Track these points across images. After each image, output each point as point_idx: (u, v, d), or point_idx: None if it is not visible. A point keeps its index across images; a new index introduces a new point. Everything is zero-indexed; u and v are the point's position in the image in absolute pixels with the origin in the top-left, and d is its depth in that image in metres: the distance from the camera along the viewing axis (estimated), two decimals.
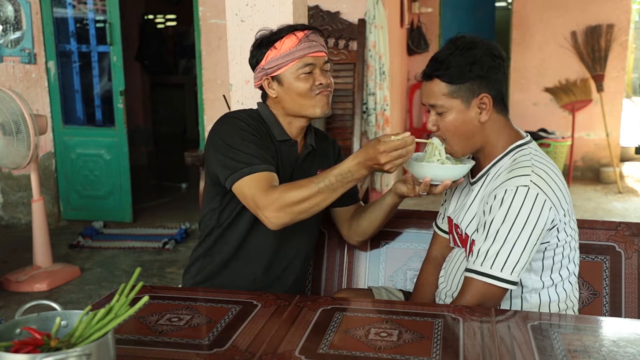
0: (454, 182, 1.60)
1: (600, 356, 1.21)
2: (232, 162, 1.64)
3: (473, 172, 1.69)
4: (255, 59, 1.78)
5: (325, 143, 1.94)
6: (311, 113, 1.76)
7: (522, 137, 1.63)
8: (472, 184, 1.68)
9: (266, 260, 1.81)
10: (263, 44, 1.76)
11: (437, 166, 1.58)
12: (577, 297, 1.68)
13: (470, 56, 1.56)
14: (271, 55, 1.73)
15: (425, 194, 1.63)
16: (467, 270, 1.53)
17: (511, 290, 1.53)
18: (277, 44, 1.73)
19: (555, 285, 1.60)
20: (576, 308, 1.66)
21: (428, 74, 1.61)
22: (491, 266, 1.48)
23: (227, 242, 1.80)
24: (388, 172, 1.53)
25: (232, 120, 1.75)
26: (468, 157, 1.67)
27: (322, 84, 1.74)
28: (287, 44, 1.72)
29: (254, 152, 1.66)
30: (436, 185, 1.60)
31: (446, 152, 1.62)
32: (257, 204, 1.59)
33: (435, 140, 1.61)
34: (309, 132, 1.86)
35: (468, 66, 1.55)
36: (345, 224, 1.92)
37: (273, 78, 1.75)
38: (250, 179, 1.61)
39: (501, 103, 1.62)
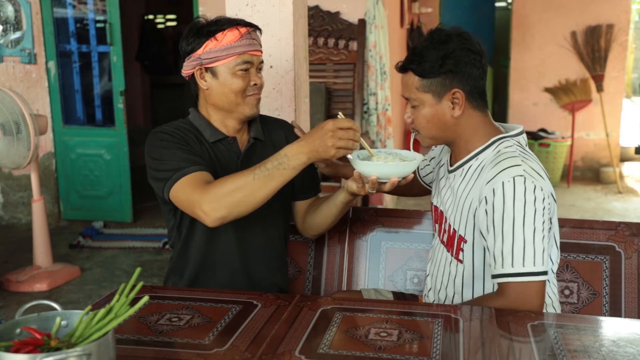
0: (403, 178, 1.58)
1: (600, 356, 1.21)
2: (162, 174, 1.63)
3: (450, 161, 1.69)
4: (190, 47, 1.71)
5: (278, 131, 1.88)
6: (240, 112, 1.74)
7: (501, 132, 1.61)
8: (450, 172, 1.67)
9: (236, 264, 1.78)
10: (202, 32, 1.69)
11: (381, 164, 1.57)
12: (556, 293, 1.67)
13: (443, 50, 1.53)
14: (210, 46, 1.68)
15: (374, 191, 1.60)
16: (497, 276, 1.48)
17: (485, 282, 1.55)
18: (219, 36, 1.68)
19: None
20: (556, 304, 1.65)
21: (403, 67, 1.60)
22: (523, 264, 1.45)
23: (191, 255, 1.79)
24: (332, 157, 1.49)
25: (154, 136, 1.72)
26: (434, 147, 1.69)
27: (257, 85, 1.72)
28: (229, 37, 1.68)
29: (180, 158, 1.62)
30: (384, 182, 1.58)
31: (418, 141, 1.63)
32: (192, 202, 1.54)
33: (361, 140, 1.59)
34: (252, 125, 1.82)
35: (440, 60, 1.53)
36: (301, 218, 1.90)
37: (207, 69, 1.71)
38: (182, 182, 1.58)
39: (478, 99, 1.59)
